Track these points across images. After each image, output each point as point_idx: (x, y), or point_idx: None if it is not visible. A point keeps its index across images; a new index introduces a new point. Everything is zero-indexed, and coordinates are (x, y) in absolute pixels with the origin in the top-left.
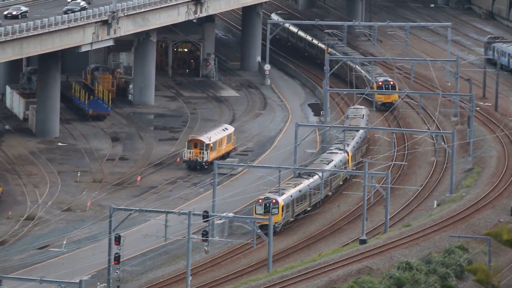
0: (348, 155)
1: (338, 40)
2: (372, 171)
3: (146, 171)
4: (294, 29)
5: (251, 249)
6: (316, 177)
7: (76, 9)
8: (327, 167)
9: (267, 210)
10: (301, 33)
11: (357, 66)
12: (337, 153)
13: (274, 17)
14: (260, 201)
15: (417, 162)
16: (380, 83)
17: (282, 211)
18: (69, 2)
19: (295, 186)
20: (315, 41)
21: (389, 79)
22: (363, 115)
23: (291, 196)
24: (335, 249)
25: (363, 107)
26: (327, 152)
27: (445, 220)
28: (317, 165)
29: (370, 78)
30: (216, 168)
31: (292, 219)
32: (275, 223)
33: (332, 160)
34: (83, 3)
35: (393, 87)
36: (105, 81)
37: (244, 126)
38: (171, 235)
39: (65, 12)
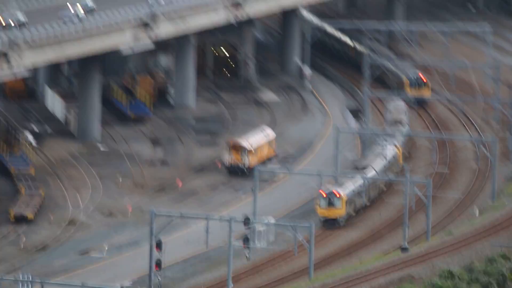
0: (398, 149)
1: (378, 43)
2: (414, 179)
3: (187, 176)
4: (334, 32)
5: (292, 256)
6: (372, 171)
7: (74, 19)
8: (383, 162)
9: (330, 204)
10: (340, 36)
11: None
12: (387, 147)
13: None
14: (325, 195)
15: (458, 169)
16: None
17: (346, 205)
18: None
19: (355, 181)
20: (355, 44)
21: (421, 76)
22: (404, 110)
23: (353, 190)
24: (377, 256)
25: (402, 101)
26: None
27: (487, 229)
28: (372, 159)
29: (401, 74)
30: (257, 174)
31: (354, 214)
32: (339, 217)
33: (387, 155)
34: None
35: (425, 83)
36: (146, 84)
37: (285, 131)
38: (212, 241)
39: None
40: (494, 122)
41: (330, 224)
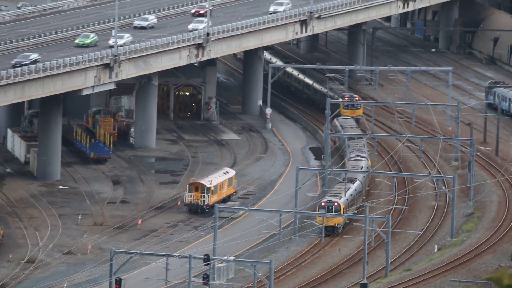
0: (368, 161)
1: (340, 84)
2: (373, 215)
3: (147, 214)
4: (295, 73)
5: None
6: (357, 182)
7: (25, 62)
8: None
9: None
10: (301, 77)
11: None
12: (361, 160)
13: (272, 58)
14: (324, 204)
15: (418, 206)
16: (346, 98)
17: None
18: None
19: (346, 190)
20: (316, 85)
21: (354, 95)
22: (364, 146)
23: (347, 199)
24: None
25: (363, 138)
26: (352, 159)
27: (446, 265)
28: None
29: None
30: (217, 212)
31: (347, 221)
32: (338, 225)
33: (362, 166)
34: (34, 56)
35: (359, 105)
36: (107, 124)
37: (245, 170)
38: (172, 278)
39: (14, 66)
40: (453, 160)
41: (329, 231)
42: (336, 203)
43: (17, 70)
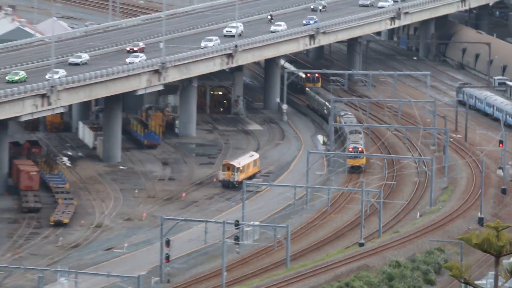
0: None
1: (341, 85)
2: (368, 189)
3: (189, 189)
4: (302, 74)
5: (272, 250)
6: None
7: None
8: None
9: (356, 156)
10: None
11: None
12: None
13: (288, 66)
14: (351, 149)
15: (403, 182)
16: (351, 149)
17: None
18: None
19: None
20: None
21: (358, 146)
22: (361, 137)
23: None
24: (339, 250)
25: (361, 134)
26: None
27: (426, 228)
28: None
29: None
30: (245, 187)
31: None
32: (361, 165)
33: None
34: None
35: (318, 79)
36: (157, 117)
37: (267, 153)
38: (210, 239)
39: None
40: (431, 145)
41: (355, 169)
42: (360, 148)
43: (86, 75)
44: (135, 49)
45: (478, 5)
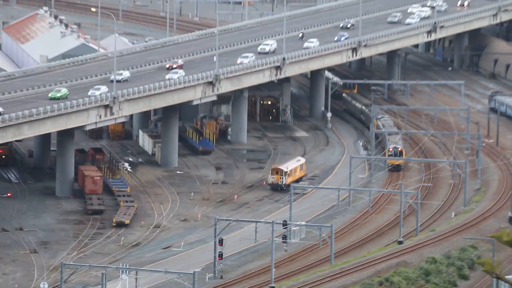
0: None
1: (381, 94)
2: (407, 191)
3: (241, 192)
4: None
5: (318, 248)
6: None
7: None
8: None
9: (396, 155)
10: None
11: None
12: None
13: (328, 74)
14: (391, 149)
15: (439, 184)
16: (391, 149)
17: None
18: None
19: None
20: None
21: (398, 146)
22: (400, 140)
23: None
24: (380, 248)
25: (399, 136)
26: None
27: (460, 226)
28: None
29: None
30: (292, 189)
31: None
32: (401, 164)
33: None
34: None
35: (401, 153)
36: (211, 126)
37: (312, 158)
38: (260, 238)
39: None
40: (465, 149)
41: (396, 168)
42: (399, 148)
43: (145, 87)
44: (174, 66)
45: (508, 18)
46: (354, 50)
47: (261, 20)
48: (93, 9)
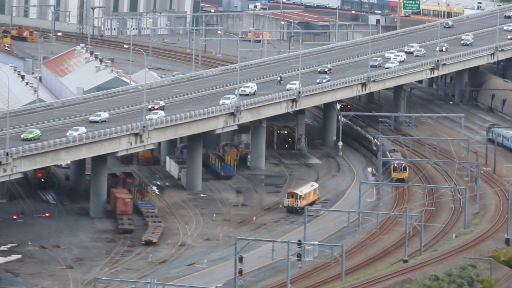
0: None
1: (388, 126)
2: (411, 214)
3: (259, 213)
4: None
5: (330, 266)
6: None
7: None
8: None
9: (399, 171)
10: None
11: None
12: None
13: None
14: (396, 165)
15: (441, 207)
16: (396, 165)
17: (407, 171)
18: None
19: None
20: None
21: (402, 162)
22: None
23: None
24: (387, 266)
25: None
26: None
27: (461, 247)
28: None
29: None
30: (306, 212)
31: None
32: (404, 178)
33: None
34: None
35: (404, 168)
36: (232, 153)
37: (325, 183)
38: (276, 256)
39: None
40: (465, 176)
41: (400, 181)
42: (403, 164)
43: (172, 117)
44: (156, 107)
45: (505, 57)
46: (364, 85)
47: (278, 57)
48: (126, 46)
